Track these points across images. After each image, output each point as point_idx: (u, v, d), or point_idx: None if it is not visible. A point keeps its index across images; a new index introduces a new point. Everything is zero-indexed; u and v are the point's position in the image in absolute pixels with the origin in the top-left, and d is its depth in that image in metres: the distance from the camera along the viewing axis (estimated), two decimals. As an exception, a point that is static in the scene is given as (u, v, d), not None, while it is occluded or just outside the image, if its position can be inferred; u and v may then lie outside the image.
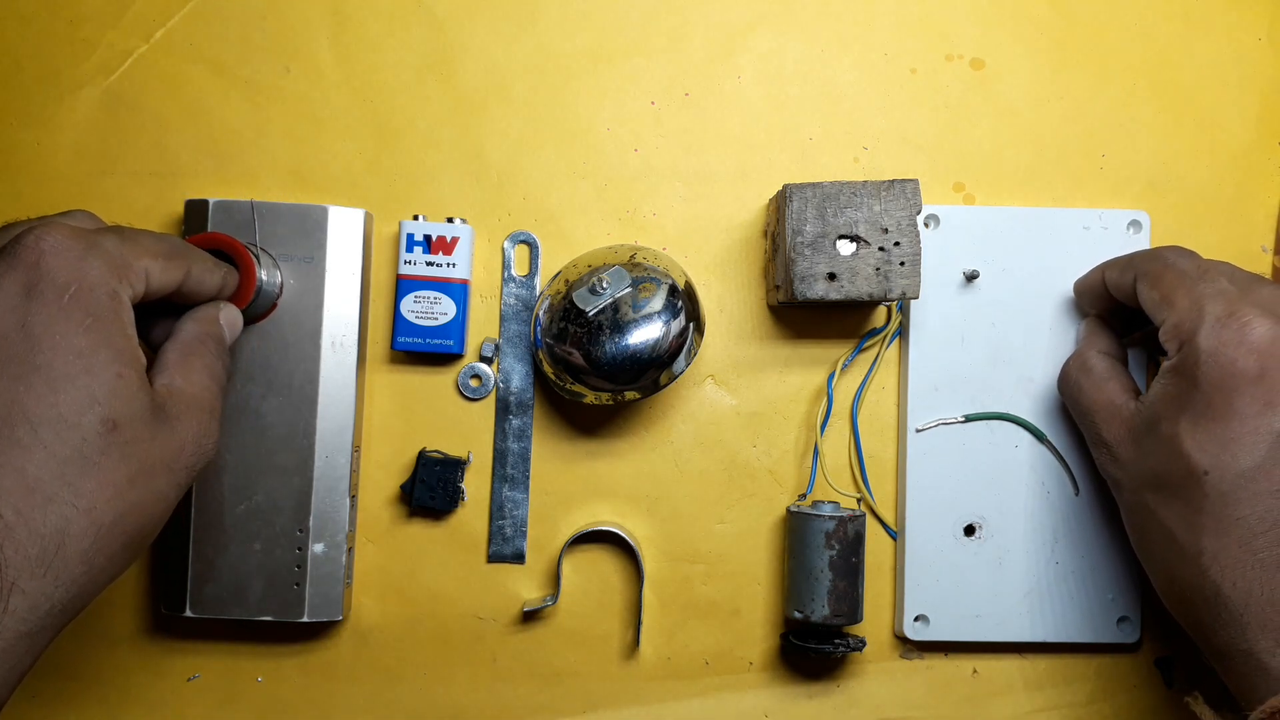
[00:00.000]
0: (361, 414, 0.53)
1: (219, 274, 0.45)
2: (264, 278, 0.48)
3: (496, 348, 0.54)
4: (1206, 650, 0.43)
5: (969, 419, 0.53)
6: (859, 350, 0.54)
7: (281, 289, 0.50)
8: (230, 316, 0.46)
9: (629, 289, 0.49)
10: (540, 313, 0.50)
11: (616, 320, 0.48)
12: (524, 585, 0.54)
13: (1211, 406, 0.41)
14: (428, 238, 0.52)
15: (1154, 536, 0.44)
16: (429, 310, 0.52)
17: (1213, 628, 0.41)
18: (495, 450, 0.54)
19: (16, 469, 0.34)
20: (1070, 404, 0.50)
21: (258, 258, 0.48)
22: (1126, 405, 0.46)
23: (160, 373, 0.41)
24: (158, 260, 0.40)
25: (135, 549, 0.38)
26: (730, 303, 0.54)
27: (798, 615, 0.50)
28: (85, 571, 0.35)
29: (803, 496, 0.53)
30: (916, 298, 0.48)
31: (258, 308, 0.49)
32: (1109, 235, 0.53)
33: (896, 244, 0.48)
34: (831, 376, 0.53)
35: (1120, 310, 0.50)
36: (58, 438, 0.35)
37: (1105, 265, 0.50)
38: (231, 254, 0.47)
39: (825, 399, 0.53)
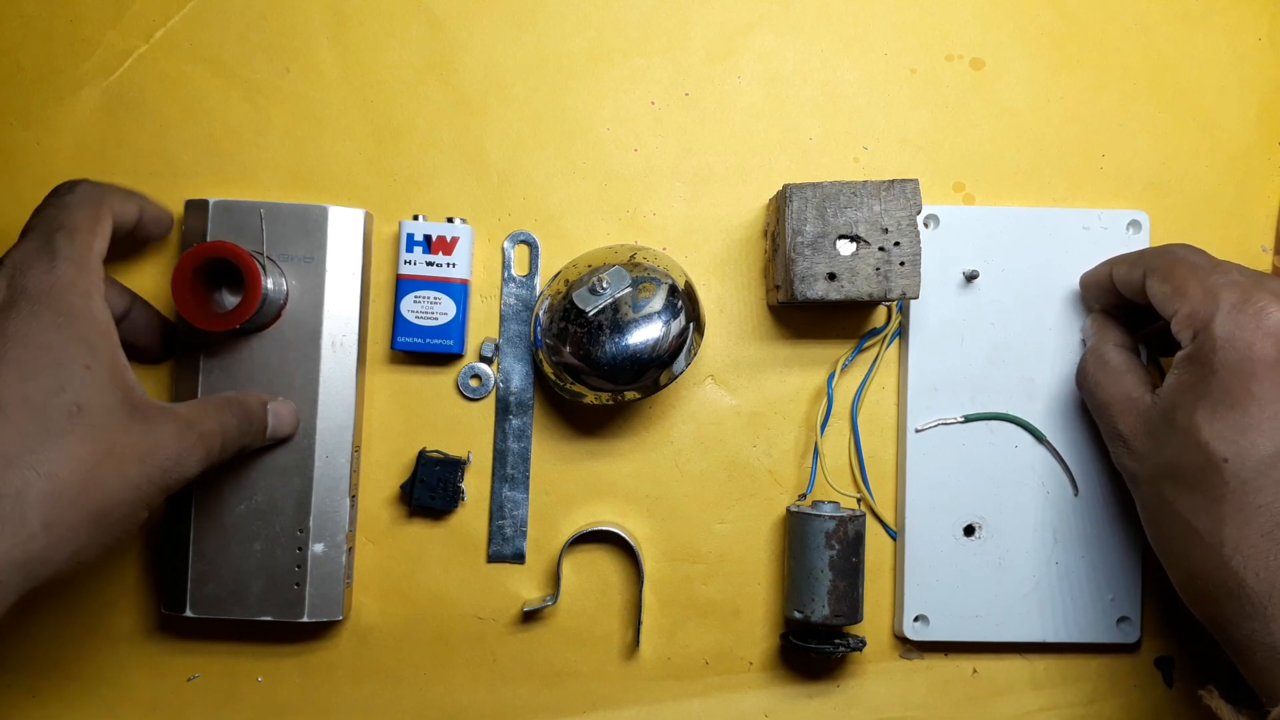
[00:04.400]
0: (361, 414, 0.53)
1: (134, 202, 0.47)
2: (270, 287, 0.48)
3: (496, 348, 0.54)
4: (1227, 646, 0.42)
5: (969, 419, 0.53)
6: (859, 350, 0.54)
7: (287, 298, 0.50)
8: (280, 410, 0.49)
9: (629, 289, 0.49)
10: (540, 313, 0.50)
11: (616, 320, 0.48)
12: (524, 585, 0.54)
13: (1229, 393, 0.41)
14: (428, 238, 0.52)
15: (1172, 530, 0.43)
16: (429, 310, 0.52)
17: (1235, 621, 0.41)
18: (495, 450, 0.54)
19: None
20: (1087, 399, 0.50)
21: (264, 266, 0.47)
22: (1143, 398, 0.46)
23: (176, 403, 0.44)
24: (94, 233, 0.43)
25: (103, 529, 0.39)
26: (730, 303, 0.54)
27: (798, 615, 0.50)
28: (45, 533, 0.37)
29: (803, 496, 0.53)
30: (916, 298, 0.48)
31: (263, 316, 0.49)
32: (1109, 235, 0.53)
33: (896, 244, 0.48)
34: (831, 376, 0.53)
35: (1124, 308, 0.50)
36: (24, 416, 0.37)
37: (1113, 261, 0.49)
38: (237, 264, 0.46)
39: (825, 399, 0.53)
